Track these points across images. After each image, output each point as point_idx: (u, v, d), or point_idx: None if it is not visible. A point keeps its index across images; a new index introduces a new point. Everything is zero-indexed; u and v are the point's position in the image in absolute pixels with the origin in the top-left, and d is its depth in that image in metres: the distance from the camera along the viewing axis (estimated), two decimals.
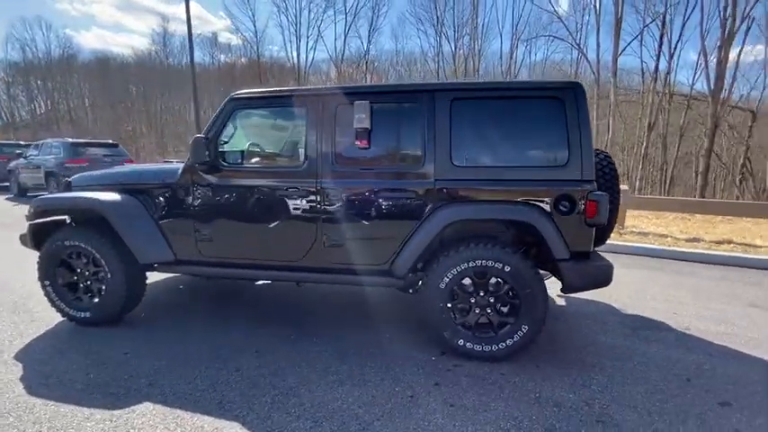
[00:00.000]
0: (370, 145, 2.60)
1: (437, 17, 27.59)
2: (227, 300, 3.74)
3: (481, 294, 2.54)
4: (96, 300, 3.02)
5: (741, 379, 2.45)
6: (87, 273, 3.02)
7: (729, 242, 5.56)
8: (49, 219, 3.13)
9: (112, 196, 2.94)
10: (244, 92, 2.82)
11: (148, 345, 2.79)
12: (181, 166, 2.97)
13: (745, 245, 5.44)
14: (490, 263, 2.44)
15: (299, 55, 30.25)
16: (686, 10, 19.41)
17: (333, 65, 30.30)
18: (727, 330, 3.16)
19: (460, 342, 2.55)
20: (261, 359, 2.61)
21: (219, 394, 2.22)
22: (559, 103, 2.45)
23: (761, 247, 5.37)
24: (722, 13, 16.32)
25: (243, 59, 35.40)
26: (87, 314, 3.01)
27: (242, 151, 2.87)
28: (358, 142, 2.59)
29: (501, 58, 27.23)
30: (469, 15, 26.80)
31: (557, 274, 2.54)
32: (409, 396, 2.23)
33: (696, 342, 2.96)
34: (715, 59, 17.05)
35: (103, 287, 2.98)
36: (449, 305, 2.56)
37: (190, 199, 2.89)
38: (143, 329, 3.03)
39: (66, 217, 3.26)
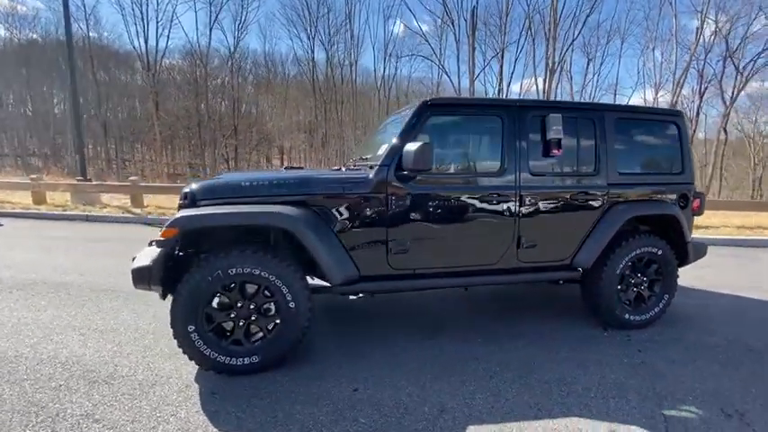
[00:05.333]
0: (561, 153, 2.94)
1: (310, 22, 27.54)
2: (337, 315, 3.39)
3: (638, 275, 3.18)
4: (264, 339, 2.44)
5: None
6: (252, 307, 2.41)
7: None
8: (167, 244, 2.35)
9: (293, 210, 2.44)
10: (440, 98, 2.77)
11: (358, 373, 2.45)
12: (366, 173, 2.67)
13: None
14: (651, 249, 3.11)
15: (147, 41, 25.64)
16: (517, 49, 24.68)
17: (193, 57, 26.79)
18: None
19: (626, 316, 3.14)
20: (487, 363, 2.64)
21: (511, 399, 2.24)
22: (675, 125, 3.29)
23: None
24: (545, 54, 21.46)
25: (45, 37, 27.67)
26: (255, 358, 2.40)
27: (439, 158, 2.78)
28: (555, 150, 2.89)
29: (375, 71, 29.05)
30: (342, 24, 27.68)
31: (677, 252, 3.34)
32: (640, 362, 2.69)
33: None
34: (542, 87, 22.28)
35: (277, 321, 2.44)
36: (618, 287, 3.11)
37: (384, 209, 2.64)
38: (311, 360, 2.59)
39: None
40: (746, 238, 6.94)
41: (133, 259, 2.56)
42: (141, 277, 2.30)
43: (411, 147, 2.49)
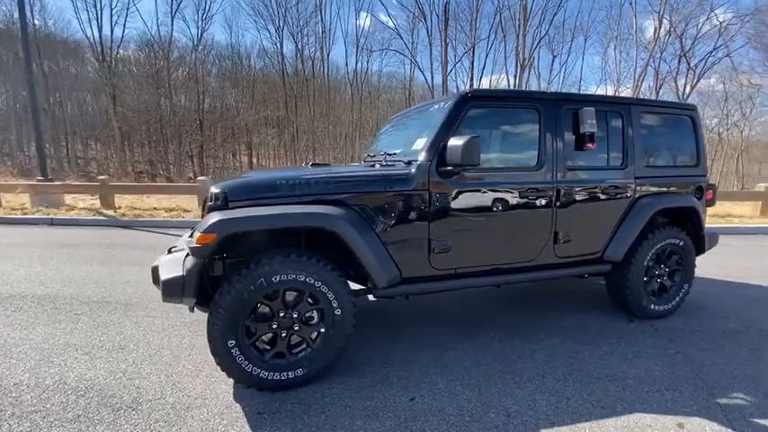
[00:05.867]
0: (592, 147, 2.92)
1: (278, 13, 26.67)
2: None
3: (661, 266, 3.25)
4: (308, 349, 2.27)
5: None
6: (296, 316, 2.22)
7: None
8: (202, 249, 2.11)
9: (339, 211, 2.27)
10: (480, 90, 2.68)
11: (408, 379, 2.32)
12: (408, 169, 2.52)
13: None
14: (674, 240, 3.18)
15: (100, 29, 23.86)
16: (487, 45, 25.11)
17: (153, 48, 25.23)
18: None
19: (652, 306, 3.21)
20: (533, 362, 2.59)
21: (572, 398, 2.20)
22: (691, 119, 3.38)
23: None
24: (516, 50, 21.97)
25: None
26: (300, 371, 2.23)
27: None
28: (589, 144, 2.87)
29: (347, 65, 28.64)
30: (312, 16, 26.98)
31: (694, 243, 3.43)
32: (675, 352, 2.74)
33: None
34: (512, 82, 22.84)
35: (321, 330, 2.27)
36: (645, 279, 3.16)
37: (426, 207, 2.51)
38: (354, 368, 2.44)
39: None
40: (720, 225, 7.39)
41: (154, 269, 2.30)
42: (173, 289, 2.05)
43: (458, 141, 2.38)
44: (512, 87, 23.13)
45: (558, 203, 2.83)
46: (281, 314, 2.20)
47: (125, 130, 27.74)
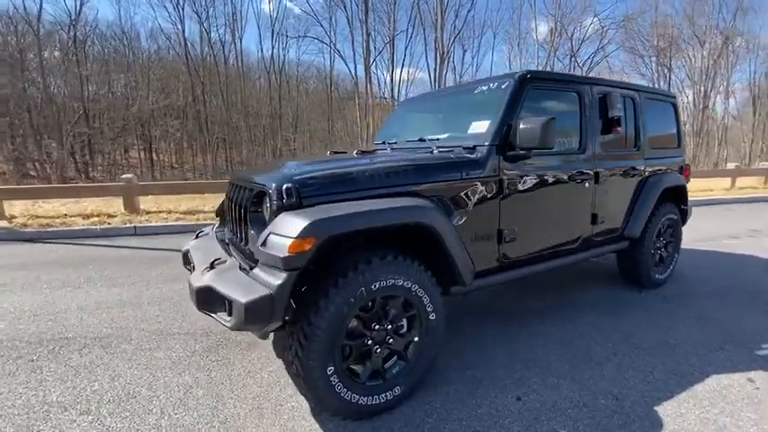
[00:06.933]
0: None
1: None
2: None
3: (661, 239, 3.58)
4: (402, 363, 1.98)
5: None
6: (390, 326, 1.92)
7: None
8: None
9: (426, 202, 2.00)
10: (537, 71, 2.59)
11: (502, 379, 2.18)
12: (474, 154, 2.33)
13: None
14: (672, 215, 3.52)
15: None
16: (407, 38, 25.62)
17: (13, 21, 20.57)
18: None
19: (656, 276, 3.53)
20: (597, 344, 2.65)
21: (654, 372, 2.29)
22: (672, 105, 3.75)
23: None
24: (435, 46, 22.77)
25: None
26: (398, 390, 1.94)
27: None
28: (617, 128, 2.99)
29: (261, 50, 26.82)
30: None
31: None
32: (696, 315, 3.04)
33: None
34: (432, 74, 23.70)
35: (414, 338, 2.01)
36: (652, 252, 3.45)
37: (497, 194, 2.36)
38: (437, 373, 2.23)
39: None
40: None
41: (206, 290, 1.78)
42: (260, 313, 1.58)
43: (533, 123, 2.26)
44: (431, 80, 24.00)
45: (596, 187, 2.91)
46: (376, 327, 1.87)
47: None
